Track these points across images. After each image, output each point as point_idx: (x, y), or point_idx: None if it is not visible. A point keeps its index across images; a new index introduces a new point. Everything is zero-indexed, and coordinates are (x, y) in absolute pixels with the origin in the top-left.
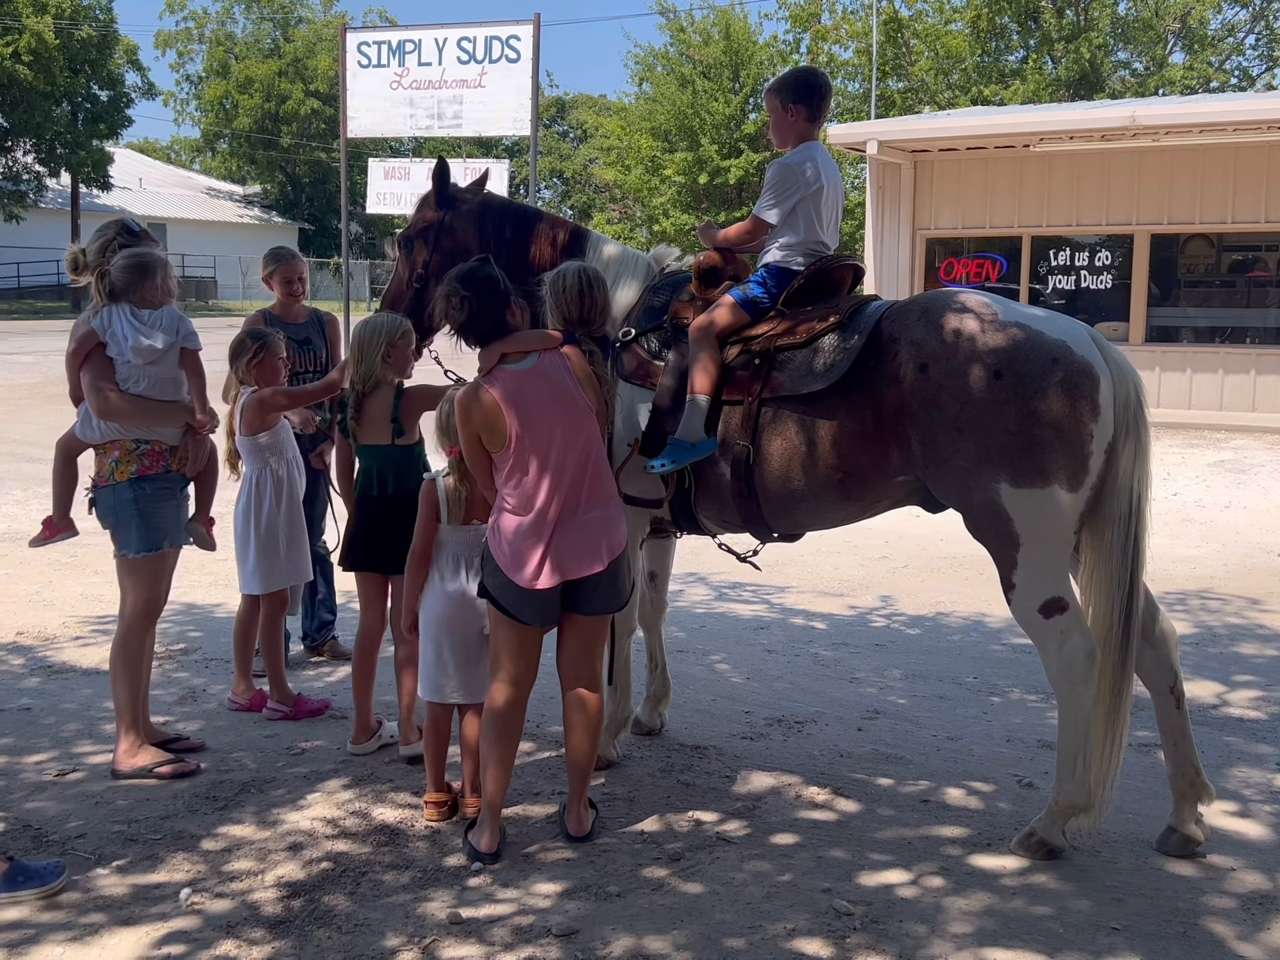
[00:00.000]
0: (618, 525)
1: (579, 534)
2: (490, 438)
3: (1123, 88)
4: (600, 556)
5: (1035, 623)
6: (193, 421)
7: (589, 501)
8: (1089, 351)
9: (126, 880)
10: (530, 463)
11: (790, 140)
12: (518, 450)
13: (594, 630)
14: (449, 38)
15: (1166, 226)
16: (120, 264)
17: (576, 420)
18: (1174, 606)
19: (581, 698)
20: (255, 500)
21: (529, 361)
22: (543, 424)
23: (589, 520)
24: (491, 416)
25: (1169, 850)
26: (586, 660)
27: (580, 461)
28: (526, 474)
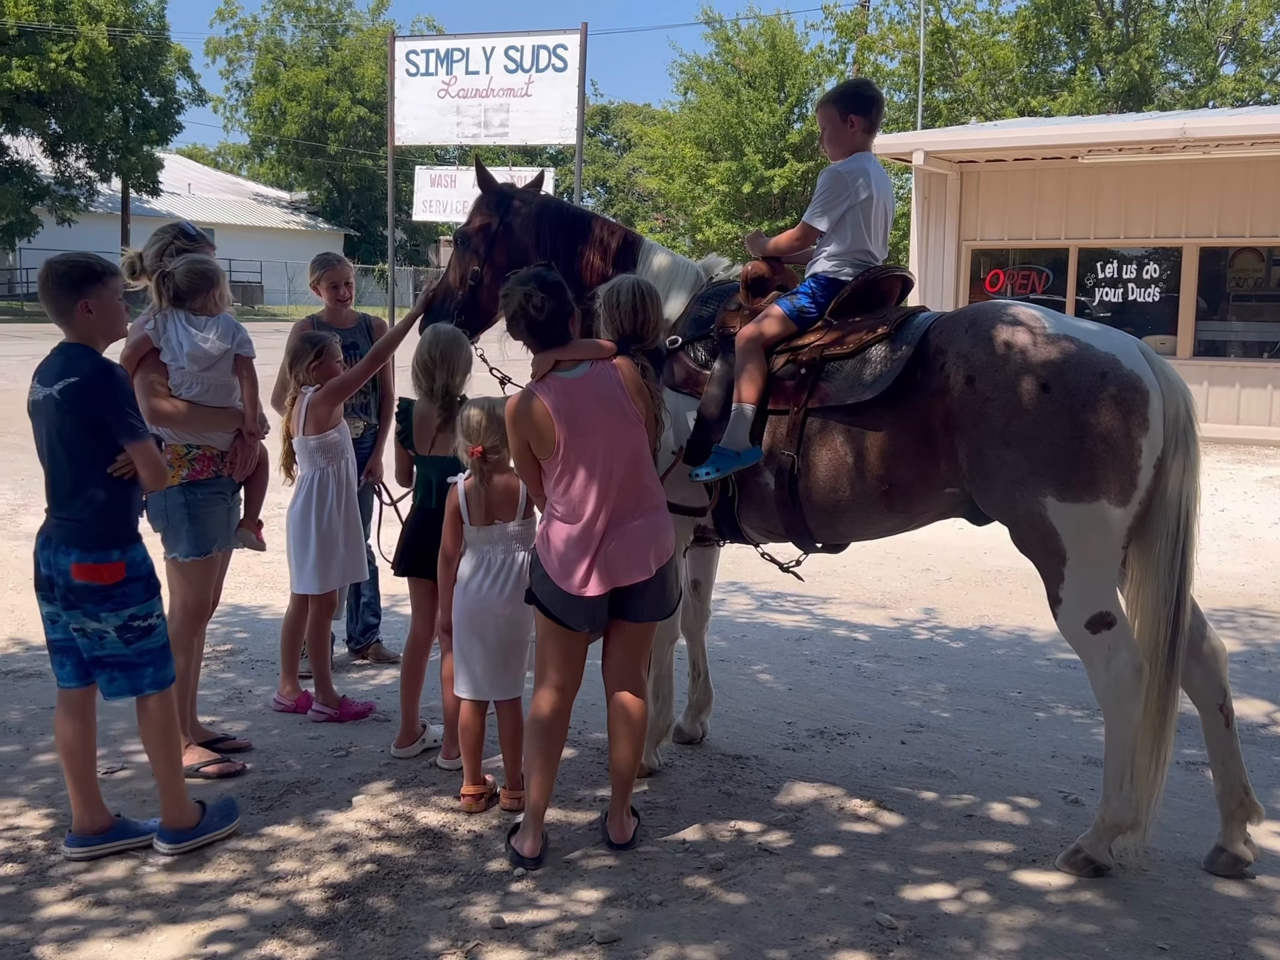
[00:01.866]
0: (665, 533)
1: (627, 541)
2: (539, 445)
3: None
4: (648, 564)
5: (1082, 638)
6: (243, 427)
7: (637, 510)
8: (1139, 365)
9: (174, 878)
10: (579, 471)
11: (845, 151)
12: (565, 458)
13: (640, 638)
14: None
15: (1216, 239)
16: (185, 269)
17: (625, 430)
18: (1222, 624)
19: (626, 705)
20: (317, 500)
21: (580, 370)
22: (591, 433)
23: (636, 528)
24: (541, 424)
25: (1217, 870)
26: (632, 668)
27: (629, 470)
28: (574, 482)
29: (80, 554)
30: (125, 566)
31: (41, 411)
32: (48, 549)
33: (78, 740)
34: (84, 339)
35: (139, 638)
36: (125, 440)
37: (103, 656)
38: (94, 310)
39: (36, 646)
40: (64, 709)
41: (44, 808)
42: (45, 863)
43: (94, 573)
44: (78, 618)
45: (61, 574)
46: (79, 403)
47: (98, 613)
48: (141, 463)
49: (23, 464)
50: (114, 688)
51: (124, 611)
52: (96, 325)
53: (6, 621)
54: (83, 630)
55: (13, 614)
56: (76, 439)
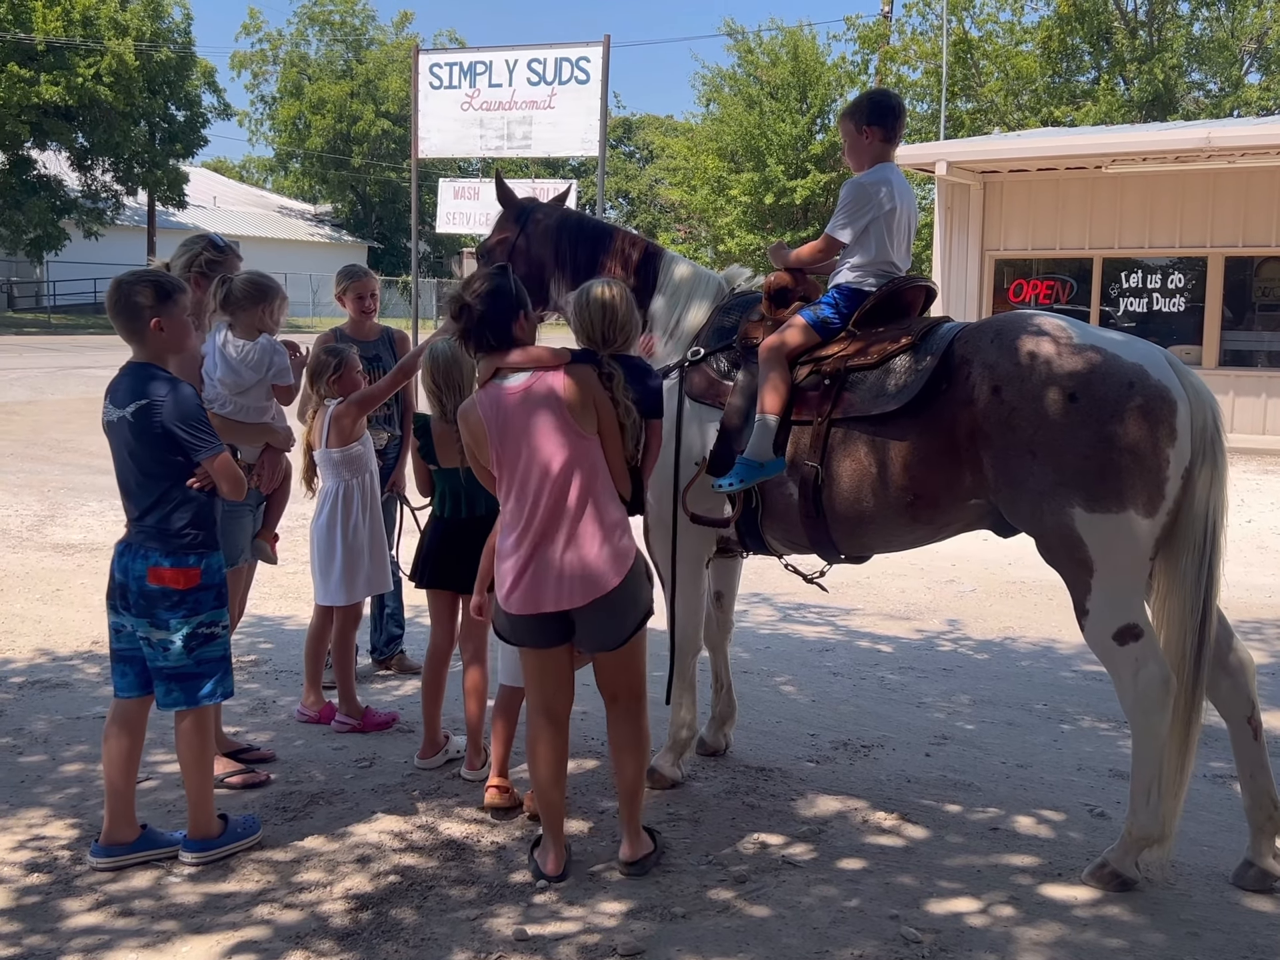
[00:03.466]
0: (604, 561)
1: (551, 567)
2: (480, 453)
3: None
4: (574, 594)
5: (1109, 650)
6: (273, 441)
7: (572, 533)
8: (1166, 376)
9: (198, 889)
10: (511, 484)
11: (866, 162)
12: (499, 469)
13: (616, 662)
14: (519, 59)
15: (1241, 249)
16: (245, 278)
17: (556, 446)
18: (1249, 635)
19: (620, 716)
20: (343, 512)
21: (517, 379)
22: (516, 446)
23: (564, 556)
24: (476, 432)
25: (1246, 885)
26: (624, 679)
27: (558, 489)
28: (510, 494)
29: (159, 557)
30: (201, 573)
31: (116, 432)
32: (126, 555)
33: (125, 752)
34: (154, 357)
35: (202, 644)
36: (199, 457)
37: (164, 668)
38: (165, 328)
39: (63, 657)
40: (118, 720)
41: (70, 818)
42: (71, 873)
43: (171, 576)
44: (145, 626)
45: (136, 579)
46: (151, 423)
47: (168, 620)
48: (219, 476)
49: (49, 476)
50: (170, 699)
51: (194, 619)
52: (168, 343)
53: (34, 633)
54: (148, 640)
55: (40, 625)
56: (153, 457)
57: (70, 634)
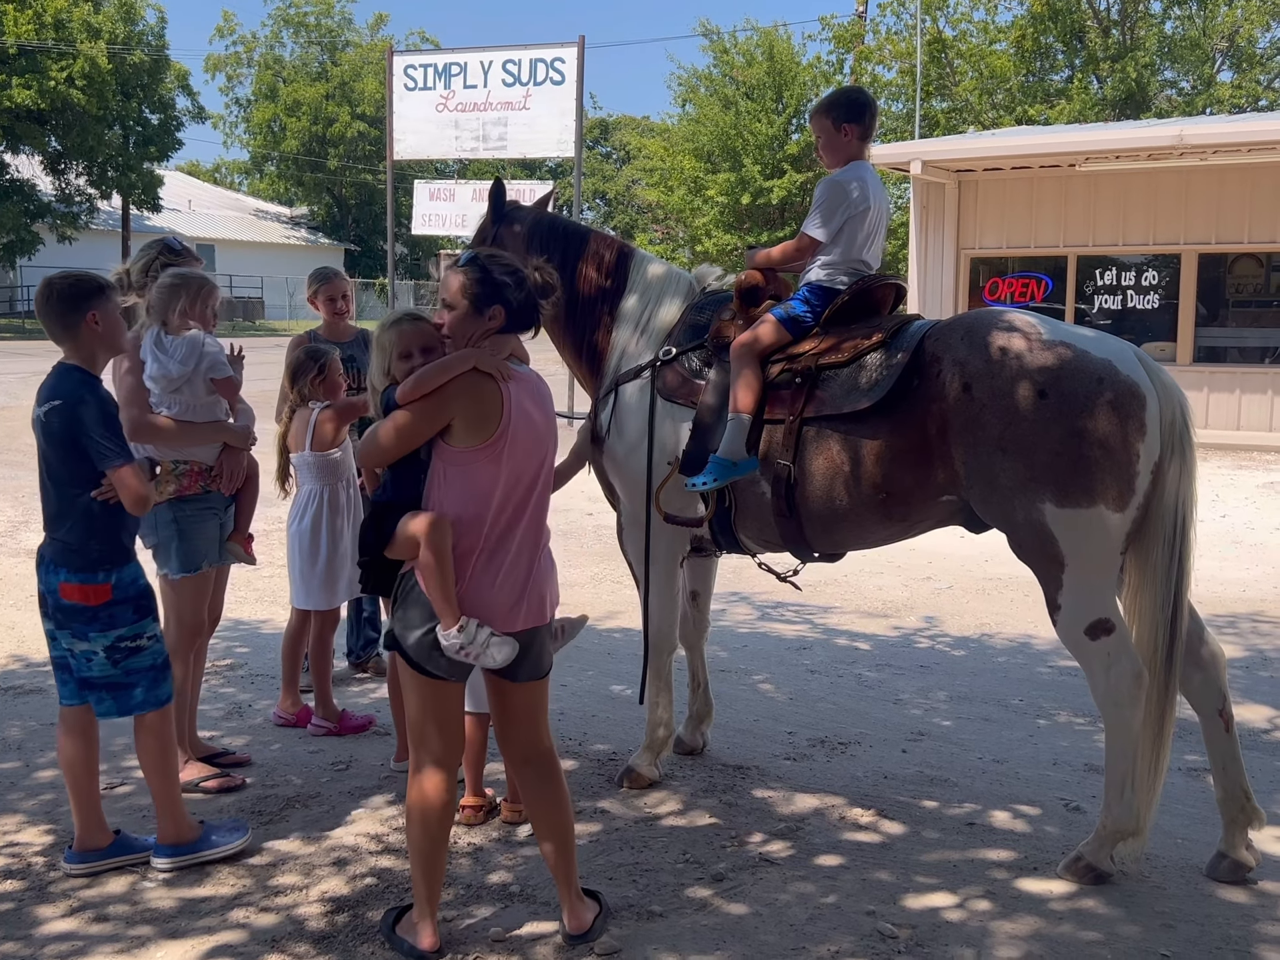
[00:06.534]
0: (554, 573)
1: (541, 576)
2: (473, 427)
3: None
4: (553, 604)
5: (1081, 645)
6: (231, 441)
7: (546, 541)
8: (1135, 371)
9: (174, 893)
10: (499, 475)
11: (841, 159)
12: (490, 459)
13: (534, 699)
14: (494, 60)
15: (1214, 246)
16: (158, 283)
17: (545, 451)
18: (1224, 630)
19: (534, 778)
20: (328, 516)
21: (521, 370)
22: (522, 440)
23: (544, 561)
24: (488, 405)
25: (1219, 876)
26: (537, 724)
27: (542, 497)
28: (496, 491)
29: (67, 574)
30: (112, 588)
31: (35, 431)
32: (41, 567)
33: (79, 757)
34: (85, 356)
35: (127, 656)
36: (101, 466)
37: (91, 678)
38: (100, 322)
39: (37, 663)
40: (65, 726)
41: (44, 824)
42: (45, 879)
43: (80, 593)
44: (67, 638)
45: (51, 593)
46: (58, 426)
47: (86, 633)
48: (121, 488)
49: (24, 481)
50: (103, 708)
51: (111, 633)
52: (102, 339)
53: (7, 638)
54: (72, 651)
55: (13, 631)
56: (60, 461)
57: (44, 640)
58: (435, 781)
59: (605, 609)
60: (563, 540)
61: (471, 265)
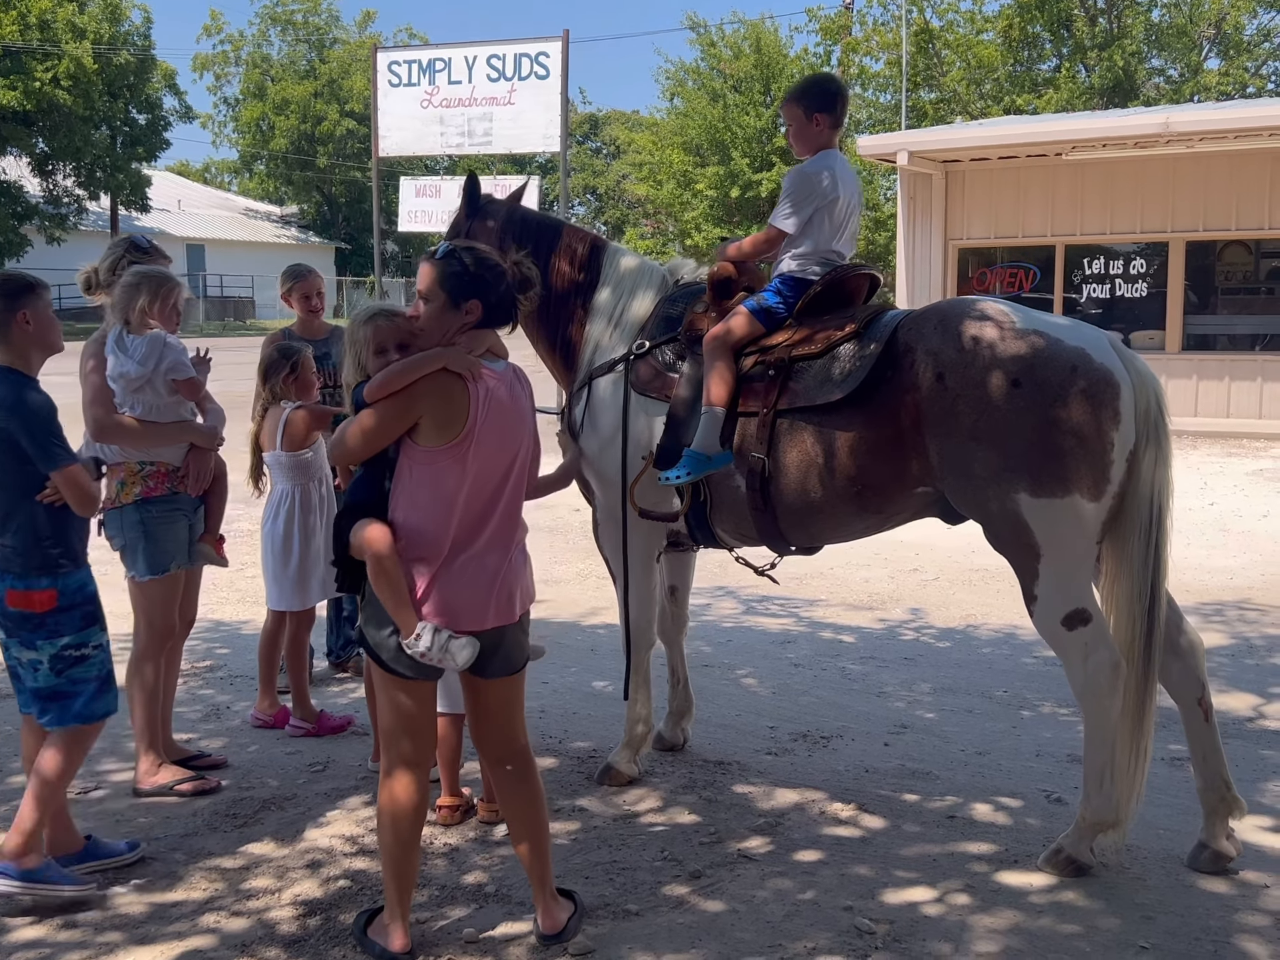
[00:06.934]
0: (529, 567)
1: (513, 570)
2: (441, 426)
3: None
4: (526, 598)
5: (1058, 635)
6: (198, 441)
7: (519, 537)
8: (1109, 359)
9: (145, 899)
10: (467, 473)
11: (811, 148)
12: (457, 456)
13: (510, 694)
14: (478, 55)
15: (1202, 233)
16: (120, 281)
17: (522, 447)
18: (1210, 618)
19: (509, 779)
20: (300, 515)
21: (498, 365)
22: (495, 437)
23: (517, 556)
24: (456, 405)
25: (1200, 867)
26: (514, 722)
27: (517, 493)
28: (464, 488)
29: (12, 580)
30: (57, 595)
31: None
32: None
33: None
34: (19, 355)
35: (71, 665)
36: (45, 467)
37: (36, 688)
38: (32, 321)
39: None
40: (28, 730)
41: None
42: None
43: (24, 600)
44: (16, 646)
45: (0, 599)
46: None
47: (33, 640)
48: (66, 489)
49: None
50: (46, 718)
51: (58, 640)
52: (35, 338)
53: None
54: (20, 660)
55: None
56: (1, 465)
57: None
58: (406, 783)
59: (590, 605)
60: (549, 536)
61: (449, 257)
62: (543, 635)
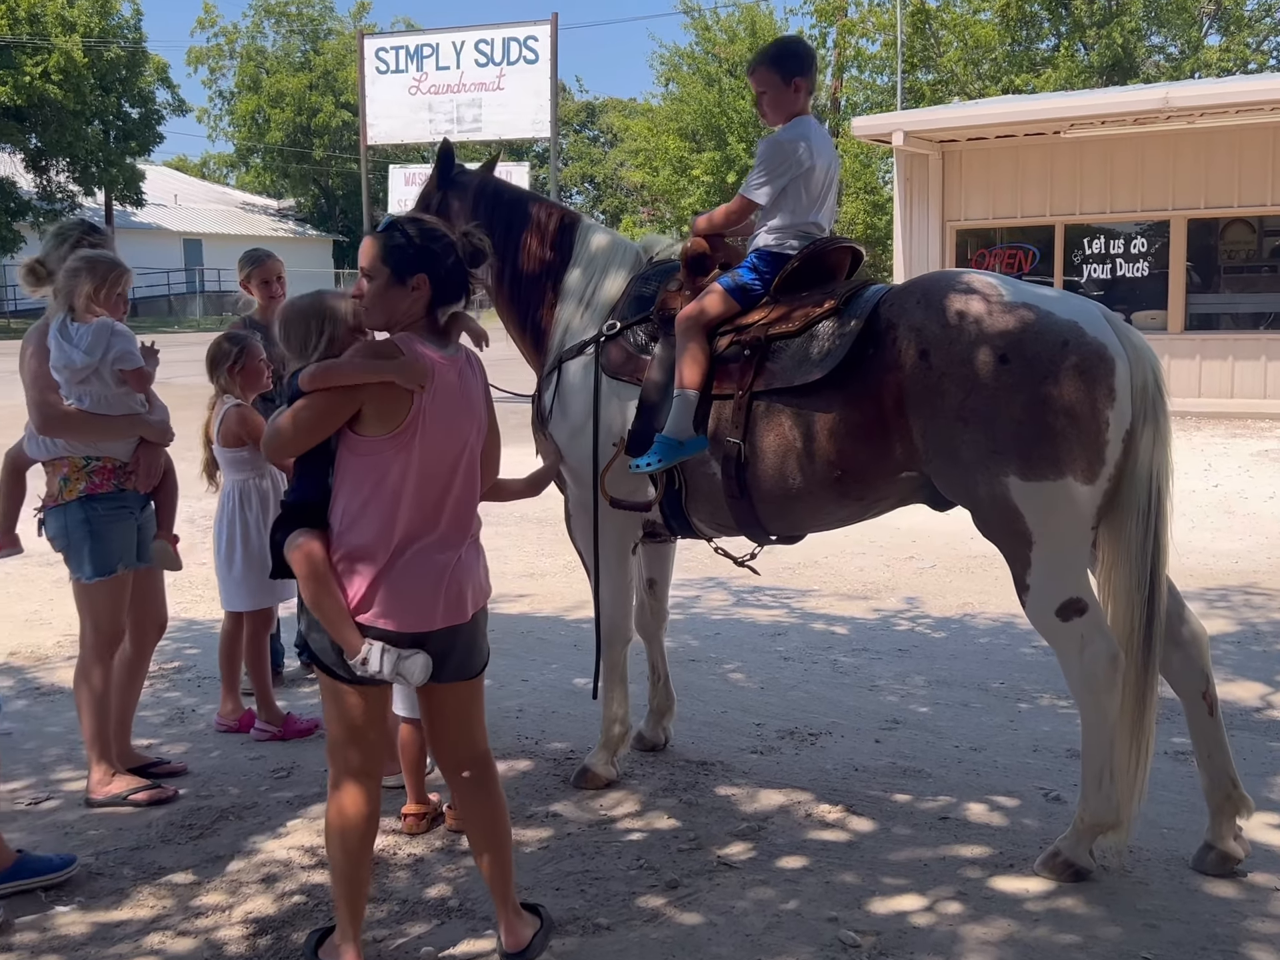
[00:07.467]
0: (484, 563)
1: (464, 567)
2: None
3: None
4: (478, 597)
5: (1052, 626)
6: (147, 435)
7: (473, 531)
8: (1103, 333)
9: (87, 918)
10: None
11: (785, 116)
12: (402, 445)
13: (469, 698)
14: (466, 40)
15: (1204, 211)
16: (66, 263)
17: (475, 436)
18: (1215, 603)
19: (470, 786)
20: (240, 512)
21: (451, 350)
22: (444, 425)
23: (470, 551)
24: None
25: (1206, 869)
26: (472, 728)
27: (470, 484)
28: (409, 478)
29: None
30: None
31: None
32: None
33: None
34: None
35: None
36: None
37: None
38: None
39: None
40: None
41: None
42: None
43: None
44: None
45: None
46: None
47: None
48: None
49: None
50: None
51: None
52: None
53: None
54: None
55: None
56: None
57: None
58: (355, 795)
59: (575, 599)
60: (537, 527)
61: (390, 230)
62: (525, 631)
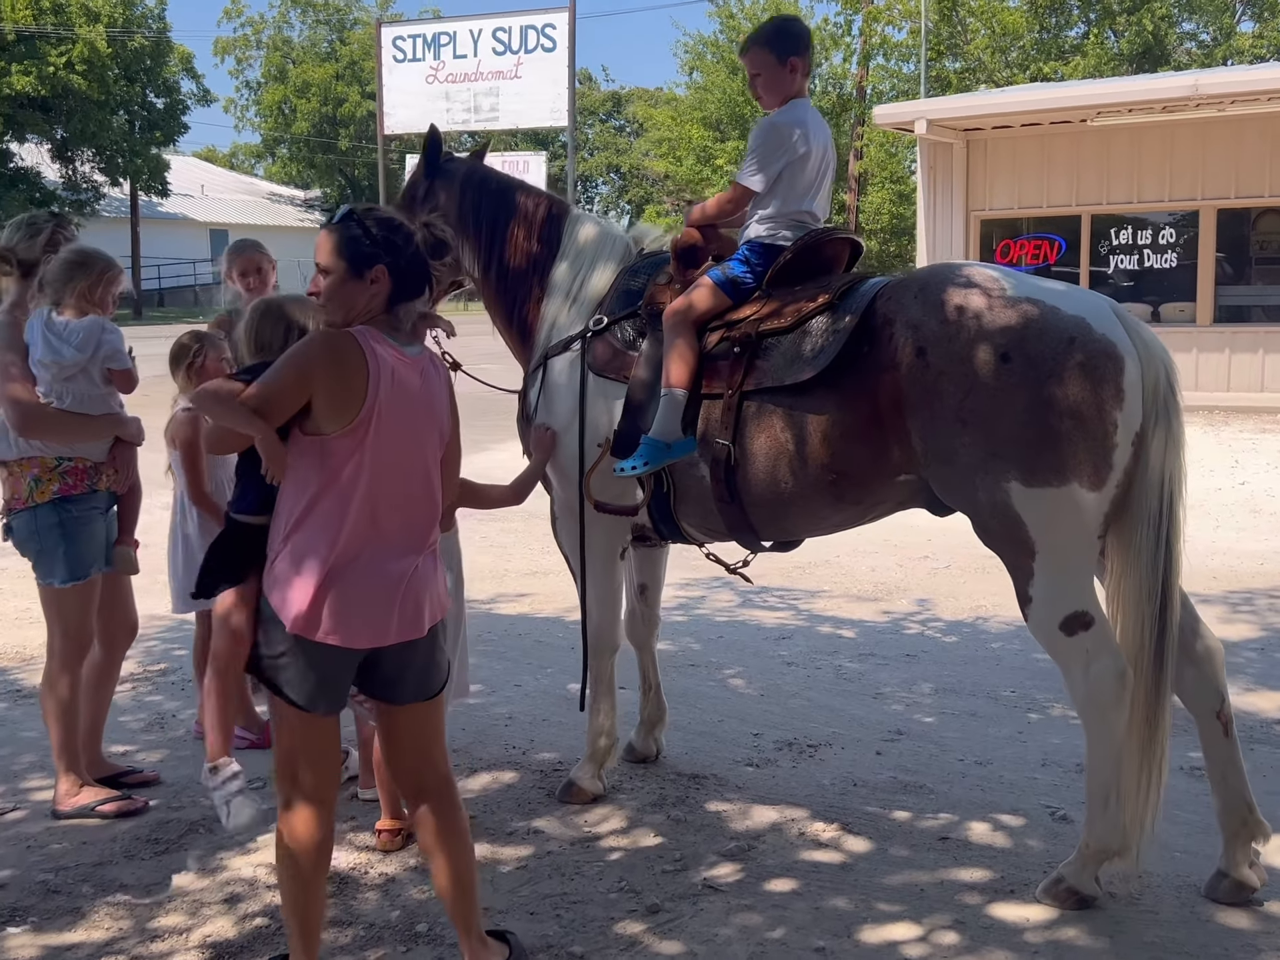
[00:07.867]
0: (440, 577)
1: (420, 580)
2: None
3: (1189, 60)
4: (435, 611)
5: (1056, 641)
6: (124, 435)
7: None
8: (1111, 329)
9: (38, 940)
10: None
11: (781, 98)
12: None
13: (427, 719)
14: (484, 29)
15: (1234, 200)
16: (60, 256)
17: (436, 442)
18: (1238, 607)
19: (431, 811)
20: (181, 518)
21: (414, 350)
22: (402, 426)
23: (426, 562)
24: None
25: (1219, 897)
26: (432, 751)
27: (428, 490)
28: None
29: None
30: None
31: None
32: None
33: None
34: None
35: None
36: None
37: None
38: None
39: None
40: None
41: None
42: None
43: None
44: None
45: None
46: None
47: None
48: None
49: None
50: None
51: None
52: None
53: None
54: None
55: None
56: None
57: None
58: (306, 818)
59: (574, 600)
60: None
61: (345, 221)
62: (523, 633)
